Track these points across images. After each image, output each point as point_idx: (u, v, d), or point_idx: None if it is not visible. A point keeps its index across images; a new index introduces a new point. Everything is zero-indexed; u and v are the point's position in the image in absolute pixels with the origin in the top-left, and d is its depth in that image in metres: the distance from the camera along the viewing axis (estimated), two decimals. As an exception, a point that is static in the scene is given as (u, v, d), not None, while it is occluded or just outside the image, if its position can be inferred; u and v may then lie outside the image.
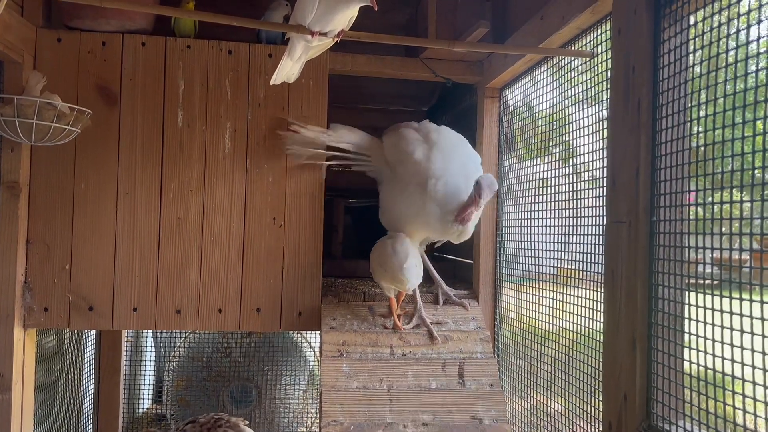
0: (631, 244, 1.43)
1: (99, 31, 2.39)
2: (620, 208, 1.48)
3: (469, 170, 2.37)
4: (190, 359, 3.64)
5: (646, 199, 1.39)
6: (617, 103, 1.52)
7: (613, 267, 1.50)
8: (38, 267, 2.35)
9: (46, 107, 2.06)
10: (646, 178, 1.40)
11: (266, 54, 2.49)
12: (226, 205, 2.46)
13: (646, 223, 1.39)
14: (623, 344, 1.44)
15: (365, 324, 2.42)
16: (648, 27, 1.42)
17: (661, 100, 1.38)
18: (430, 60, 2.67)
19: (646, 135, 1.40)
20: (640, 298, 1.40)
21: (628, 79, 1.47)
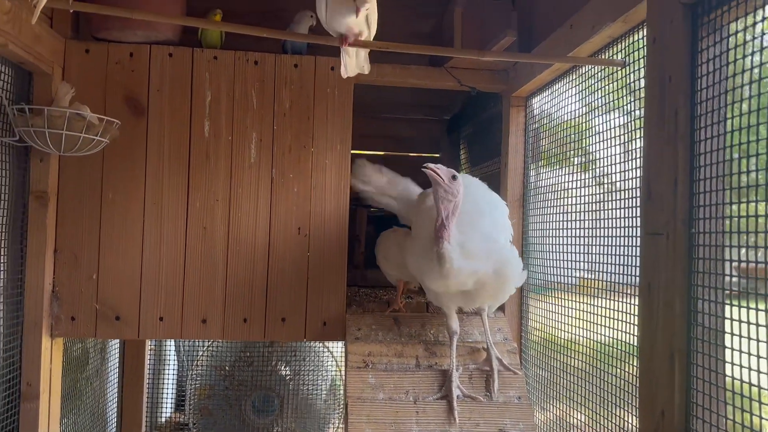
0: (668, 257, 1.40)
1: (126, 42, 2.41)
2: (657, 220, 1.45)
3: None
4: (212, 368, 3.64)
5: (684, 210, 1.37)
6: (652, 113, 1.50)
7: (650, 279, 1.48)
8: (66, 276, 2.36)
9: (75, 118, 2.07)
10: (684, 189, 1.38)
11: (292, 64, 2.49)
12: (251, 215, 2.47)
13: (684, 235, 1.37)
14: (661, 358, 1.41)
15: (390, 334, 2.41)
16: (685, 36, 1.40)
17: (699, 110, 1.36)
18: (455, 69, 2.66)
19: (684, 145, 1.38)
20: (678, 311, 1.37)
21: (664, 89, 1.45)
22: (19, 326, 2.26)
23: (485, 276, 2.03)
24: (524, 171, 2.63)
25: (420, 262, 2.10)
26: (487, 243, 2.04)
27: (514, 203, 2.60)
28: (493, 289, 2.12)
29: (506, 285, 2.14)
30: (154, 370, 3.78)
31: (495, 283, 2.07)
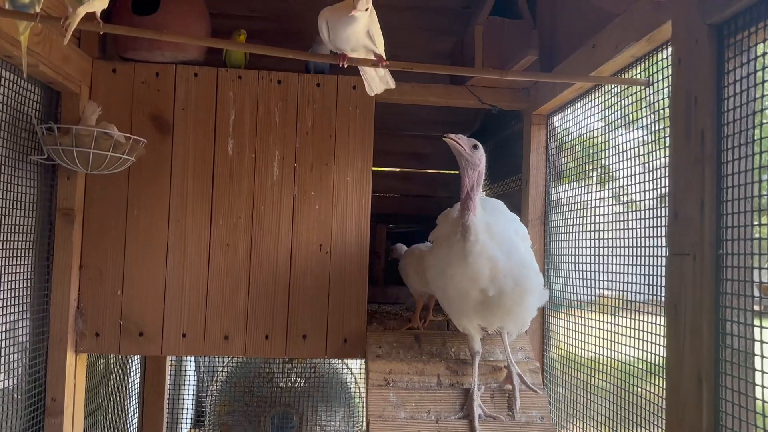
0: (696, 278, 1.39)
1: (153, 62, 2.45)
2: (684, 240, 1.45)
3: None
4: (232, 384, 3.65)
5: (711, 232, 1.36)
6: (678, 134, 1.50)
7: (676, 300, 1.47)
8: (91, 292, 2.39)
9: (103, 137, 2.11)
10: (711, 210, 1.37)
11: (314, 83, 2.52)
12: (273, 232, 2.48)
13: (712, 257, 1.36)
14: (688, 380, 1.40)
15: (411, 352, 2.40)
16: (711, 57, 1.40)
17: (726, 131, 1.36)
18: (476, 87, 2.68)
19: (711, 166, 1.38)
20: (706, 333, 1.36)
21: (690, 110, 1.45)
22: (45, 342, 2.29)
23: (503, 276, 1.97)
24: (545, 189, 2.63)
25: (440, 260, 2.07)
26: (509, 239, 2.03)
27: (536, 221, 2.60)
28: (511, 301, 2.03)
29: (524, 299, 2.05)
30: (174, 385, 3.80)
31: (512, 293, 2.00)
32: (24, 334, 2.19)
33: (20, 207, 2.14)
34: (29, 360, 2.22)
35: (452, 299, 2.13)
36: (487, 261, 1.97)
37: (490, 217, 2.03)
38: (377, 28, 1.75)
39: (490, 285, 2.00)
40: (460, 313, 2.17)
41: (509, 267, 1.99)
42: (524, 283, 2.01)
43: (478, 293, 2.02)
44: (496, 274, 1.98)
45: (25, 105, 2.13)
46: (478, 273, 1.98)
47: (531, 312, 2.15)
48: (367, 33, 1.74)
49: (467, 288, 2.03)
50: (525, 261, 2.05)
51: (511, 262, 1.99)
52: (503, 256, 1.98)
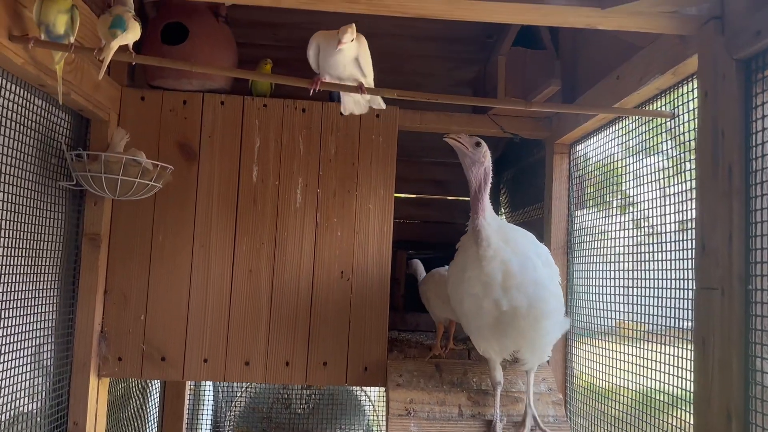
0: (724, 313, 1.38)
1: (181, 90, 2.49)
2: (711, 275, 1.44)
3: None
4: (251, 410, 3.65)
5: (740, 266, 1.35)
6: (705, 168, 1.49)
7: (704, 335, 1.45)
8: (114, 317, 2.41)
9: (131, 164, 2.14)
10: (739, 244, 1.36)
11: (338, 112, 2.54)
12: (295, 258, 2.50)
13: (740, 292, 1.35)
14: (717, 417, 1.38)
15: (432, 381, 2.39)
16: (738, 92, 1.40)
17: (754, 166, 1.36)
18: (498, 116, 2.69)
19: (739, 201, 1.37)
20: (735, 369, 1.35)
21: (717, 144, 1.45)
22: (68, 366, 2.31)
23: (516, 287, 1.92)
24: (568, 218, 2.62)
25: (457, 266, 2.05)
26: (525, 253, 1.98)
27: (558, 250, 2.59)
28: (525, 322, 1.96)
29: (539, 322, 1.97)
30: (192, 410, 3.80)
31: (527, 313, 1.93)
32: (48, 357, 2.21)
33: (48, 232, 2.17)
34: (53, 384, 2.24)
35: (469, 314, 2.08)
36: (501, 264, 1.92)
37: (507, 226, 2.01)
38: (366, 56, 1.78)
39: (503, 296, 1.94)
40: (477, 330, 2.12)
41: (523, 280, 1.94)
42: (539, 304, 1.95)
43: (492, 305, 1.97)
44: (508, 279, 1.93)
45: (56, 132, 2.18)
46: (491, 276, 1.94)
47: (549, 339, 2.09)
48: (356, 61, 1.77)
49: (481, 296, 1.98)
50: (541, 281, 1.98)
51: (525, 276, 1.94)
52: (517, 264, 1.93)
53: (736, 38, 1.40)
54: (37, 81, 1.90)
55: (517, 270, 1.94)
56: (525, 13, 1.52)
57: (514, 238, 2.00)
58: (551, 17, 1.55)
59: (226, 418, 3.73)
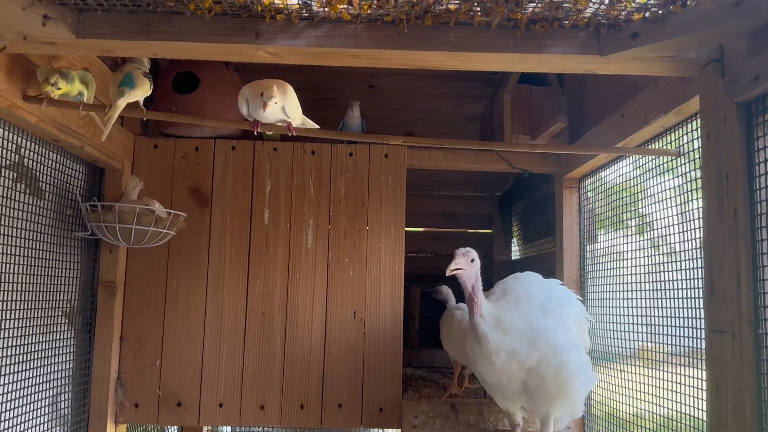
0: (735, 356, 1.37)
1: (193, 137, 2.54)
2: (721, 317, 1.43)
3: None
4: (267, 448, 3.63)
5: (749, 310, 1.35)
6: (711, 210, 1.49)
7: (717, 378, 1.44)
8: (131, 363, 2.43)
9: (144, 213, 2.18)
10: (748, 288, 1.36)
11: (347, 153, 2.58)
12: (308, 300, 2.51)
13: (751, 335, 1.34)
14: (733, 463, 1.36)
15: (448, 423, 2.37)
16: (740, 134, 1.40)
17: (760, 209, 1.36)
18: (506, 152, 2.70)
19: (745, 244, 1.37)
20: (749, 413, 1.33)
21: (722, 186, 1.45)
22: (86, 413, 2.33)
23: (537, 365, 1.91)
24: (580, 252, 2.62)
25: (469, 347, 2.06)
26: (532, 326, 1.96)
27: (572, 284, 2.58)
28: (554, 388, 1.93)
29: (568, 385, 1.93)
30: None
31: (554, 380, 1.91)
32: (66, 406, 2.23)
33: (64, 282, 2.21)
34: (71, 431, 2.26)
35: (494, 388, 2.07)
36: (509, 356, 1.92)
37: (505, 311, 2.00)
38: (292, 104, 1.85)
39: (528, 376, 1.94)
40: (502, 398, 2.10)
41: (540, 355, 1.92)
42: (564, 369, 1.92)
43: (518, 383, 1.97)
44: (524, 363, 1.92)
45: (71, 183, 2.22)
46: (507, 369, 1.94)
47: (580, 397, 2.03)
48: (283, 109, 1.83)
49: (506, 383, 1.98)
50: (560, 345, 1.95)
51: (539, 350, 1.92)
52: (525, 347, 1.92)
53: (736, 82, 1.41)
54: (50, 136, 1.95)
55: (527, 353, 1.92)
56: (524, 62, 1.55)
57: (511, 322, 1.96)
58: (551, 65, 1.57)
59: (244, 458, 3.71)
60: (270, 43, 1.47)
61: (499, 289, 2.12)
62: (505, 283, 2.16)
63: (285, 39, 1.46)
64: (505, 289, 2.11)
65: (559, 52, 1.48)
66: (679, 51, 1.49)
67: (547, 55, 1.49)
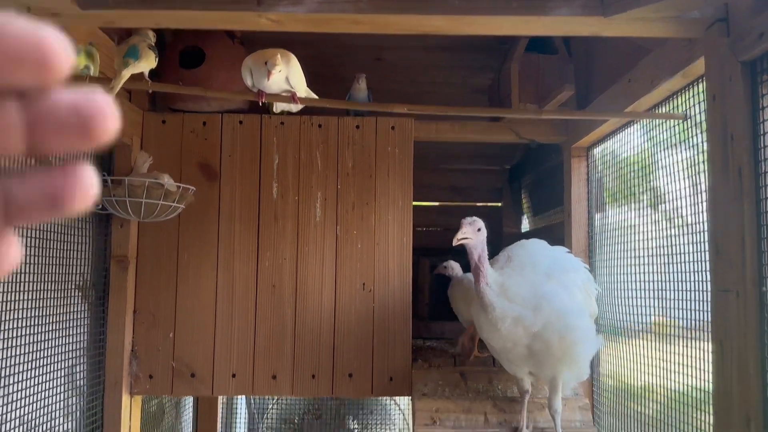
0: (740, 316, 1.37)
1: (200, 112, 2.55)
2: (726, 277, 1.43)
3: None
4: (282, 421, 3.69)
5: (753, 269, 1.35)
6: (716, 171, 1.49)
7: (721, 338, 1.45)
8: (144, 336, 2.47)
9: (154, 186, 2.20)
10: (752, 247, 1.35)
11: (354, 126, 2.58)
12: (317, 272, 2.53)
13: (755, 294, 1.34)
14: (737, 422, 1.37)
15: (457, 390, 2.40)
16: (745, 94, 1.39)
17: (764, 168, 1.35)
18: (514, 122, 2.69)
19: (750, 203, 1.37)
20: (753, 372, 1.34)
21: (727, 147, 1.44)
22: (101, 385, 2.37)
23: (542, 330, 1.93)
24: (588, 221, 2.61)
25: (475, 313, 2.08)
26: (536, 292, 1.97)
27: (580, 253, 2.58)
28: (560, 352, 1.96)
29: (573, 349, 1.97)
30: (225, 424, 3.86)
31: (559, 344, 1.94)
32: (81, 378, 2.28)
33: (76, 256, 2.24)
34: (87, 403, 2.31)
35: (500, 352, 2.11)
36: (514, 322, 1.94)
37: (509, 278, 2.01)
38: (296, 73, 1.84)
39: (533, 341, 1.97)
40: (509, 363, 2.14)
41: (545, 321, 1.94)
42: (569, 334, 1.95)
43: (523, 348, 2.00)
44: (530, 328, 1.95)
45: (81, 159, 2.24)
46: (512, 335, 1.97)
47: (585, 361, 2.06)
48: (287, 79, 1.83)
49: (511, 347, 2.01)
50: (565, 310, 1.97)
51: (544, 316, 1.94)
52: (530, 313, 1.94)
53: (741, 40, 1.40)
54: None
55: (533, 319, 1.94)
56: (527, 25, 1.54)
57: (516, 289, 1.98)
58: (554, 27, 1.56)
59: (259, 430, 3.78)
60: (271, 10, 1.47)
61: (504, 256, 2.14)
62: (509, 251, 2.17)
63: (286, 6, 1.46)
64: (509, 256, 2.12)
65: (562, 14, 1.47)
66: (683, 10, 1.47)
67: (551, 17, 1.48)
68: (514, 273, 2.04)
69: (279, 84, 1.80)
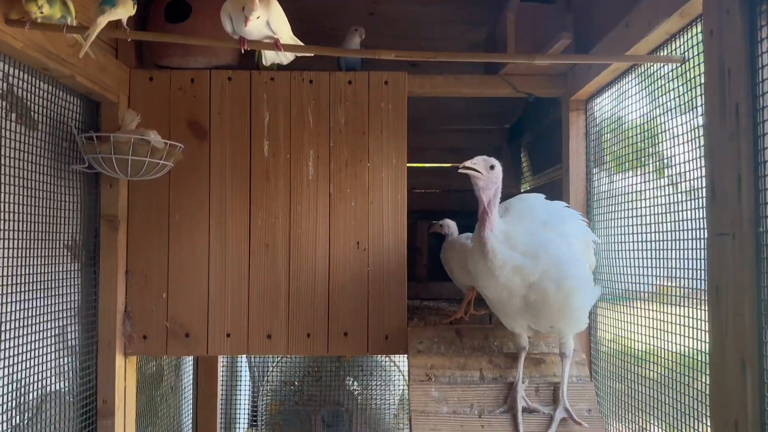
0: (736, 258, 1.33)
1: (188, 68, 2.49)
2: (722, 220, 1.38)
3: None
4: (282, 383, 3.69)
5: (750, 209, 1.30)
6: (713, 109, 1.43)
7: (718, 282, 1.40)
8: (137, 296, 2.45)
9: (140, 143, 2.16)
10: (749, 186, 1.30)
11: (346, 81, 2.52)
12: (311, 231, 2.50)
13: (751, 235, 1.30)
14: (731, 366, 1.34)
15: (453, 347, 2.37)
16: (743, 27, 1.33)
17: (762, 103, 1.29)
18: (511, 76, 2.62)
19: (747, 140, 1.31)
20: (748, 315, 1.30)
21: (724, 83, 1.38)
22: (94, 345, 2.36)
23: (539, 280, 1.92)
24: (587, 176, 2.56)
25: (472, 271, 2.05)
26: (535, 240, 1.95)
27: (578, 208, 2.52)
28: (557, 303, 1.95)
29: (570, 299, 1.96)
30: (228, 386, 3.87)
31: (556, 294, 1.93)
32: (74, 338, 2.26)
33: (65, 215, 2.21)
34: (80, 363, 2.30)
35: (495, 304, 2.11)
36: (513, 271, 1.92)
37: (511, 226, 1.98)
38: (278, 17, 1.77)
39: (529, 291, 1.95)
40: (505, 316, 2.14)
41: (542, 269, 1.93)
42: (567, 283, 1.94)
43: (519, 299, 1.99)
44: (527, 278, 1.93)
45: (65, 116, 2.20)
46: (510, 284, 1.95)
47: (583, 311, 2.06)
48: (268, 24, 1.76)
49: (507, 297, 2.00)
50: (563, 259, 1.96)
51: (542, 265, 1.92)
52: (530, 262, 1.92)
53: (739, -30, 1.33)
54: (39, 65, 1.92)
55: (532, 268, 1.93)
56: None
57: (518, 237, 1.95)
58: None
59: (260, 393, 3.79)
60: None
61: (501, 207, 2.09)
62: (507, 203, 2.14)
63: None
64: (507, 207, 2.09)
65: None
66: (678, -60, 1.40)
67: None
68: (513, 221, 2.02)
69: (260, 30, 1.74)
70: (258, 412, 3.81)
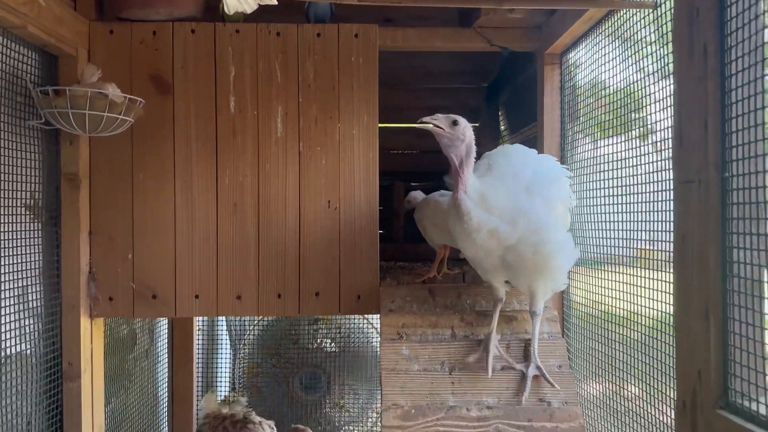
0: (701, 205, 1.29)
1: (149, 20, 2.40)
2: (689, 167, 1.34)
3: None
4: (260, 347, 3.67)
5: (716, 153, 1.26)
6: (682, 53, 1.38)
7: (684, 232, 1.37)
8: (101, 257, 2.39)
9: (97, 97, 2.08)
10: (715, 130, 1.26)
11: (314, 33, 2.44)
12: (280, 190, 2.44)
13: (717, 181, 1.26)
14: (696, 315, 1.31)
15: (425, 306, 2.35)
16: (713, -38, 1.27)
17: (730, 42, 1.24)
18: (485, 29, 2.56)
19: (714, 83, 1.26)
20: (712, 262, 1.26)
21: (693, 24, 1.33)
22: (58, 308, 2.30)
23: (515, 243, 1.89)
24: (561, 131, 2.52)
25: (451, 222, 1.99)
26: (515, 205, 1.91)
27: (553, 165, 2.48)
28: (534, 265, 1.94)
29: (549, 262, 1.94)
30: (205, 350, 3.84)
31: (534, 257, 1.91)
32: (36, 299, 2.21)
33: (24, 173, 2.14)
34: (44, 326, 2.24)
35: (473, 260, 2.08)
36: (489, 234, 1.89)
37: (489, 187, 1.92)
38: None
39: (506, 252, 1.93)
40: (483, 272, 2.12)
41: (520, 234, 1.89)
42: (544, 247, 1.92)
43: (496, 258, 1.97)
44: (504, 241, 1.90)
45: (20, 69, 2.11)
46: (486, 245, 1.92)
47: (561, 273, 2.04)
48: None
49: (484, 257, 1.98)
50: (543, 225, 1.92)
51: (520, 230, 1.89)
52: (507, 225, 1.88)
53: None
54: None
55: (509, 232, 1.89)
56: None
57: (497, 201, 1.90)
58: None
59: (237, 357, 3.76)
60: None
61: (485, 164, 2.05)
62: (490, 158, 2.08)
63: None
64: (490, 164, 2.03)
65: None
66: None
67: None
68: (494, 182, 1.96)
69: None
70: (235, 375, 3.79)
